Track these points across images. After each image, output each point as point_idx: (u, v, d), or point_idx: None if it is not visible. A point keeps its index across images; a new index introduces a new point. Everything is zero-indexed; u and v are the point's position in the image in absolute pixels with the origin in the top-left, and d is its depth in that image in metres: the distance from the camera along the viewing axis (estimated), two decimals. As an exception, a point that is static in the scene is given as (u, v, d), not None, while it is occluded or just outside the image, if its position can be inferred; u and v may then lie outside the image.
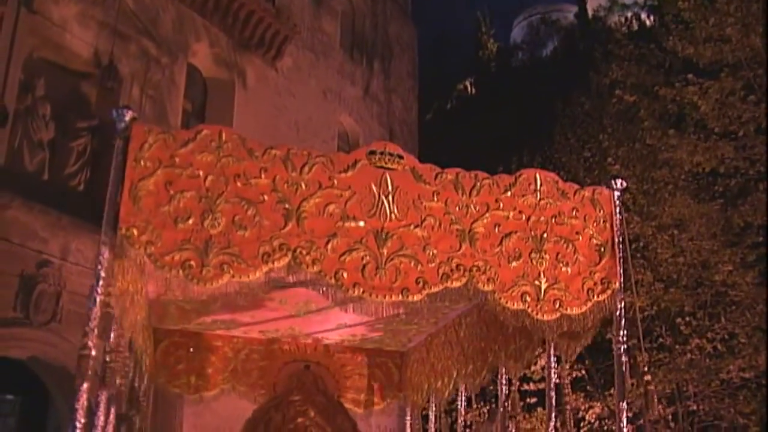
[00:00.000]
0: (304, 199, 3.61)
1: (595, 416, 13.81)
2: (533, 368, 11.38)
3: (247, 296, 4.71)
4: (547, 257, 3.83)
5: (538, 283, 3.78)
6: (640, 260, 11.96)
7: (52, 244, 10.14)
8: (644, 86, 13.51)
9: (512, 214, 3.86)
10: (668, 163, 12.41)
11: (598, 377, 13.99)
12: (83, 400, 3.29)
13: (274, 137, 12.83)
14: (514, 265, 3.78)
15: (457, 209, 3.79)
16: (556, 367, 4.75)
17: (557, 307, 3.78)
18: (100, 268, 3.41)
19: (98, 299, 3.39)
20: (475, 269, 3.70)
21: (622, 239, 4.00)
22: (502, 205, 3.85)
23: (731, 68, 11.69)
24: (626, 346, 3.90)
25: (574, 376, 13.58)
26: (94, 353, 3.35)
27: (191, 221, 3.47)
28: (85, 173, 10.92)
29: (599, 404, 13.74)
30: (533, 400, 12.74)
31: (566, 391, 12.21)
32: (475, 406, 6.11)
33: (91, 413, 3.42)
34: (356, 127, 17.17)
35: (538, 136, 19.04)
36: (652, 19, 30.04)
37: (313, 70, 15.99)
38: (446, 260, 3.69)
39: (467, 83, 42.20)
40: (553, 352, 4.66)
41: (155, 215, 3.44)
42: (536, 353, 4.88)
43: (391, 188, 3.73)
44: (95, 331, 3.35)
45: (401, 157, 3.81)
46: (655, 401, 3.95)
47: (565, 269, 3.85)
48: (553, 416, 4.72)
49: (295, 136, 14.64)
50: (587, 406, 13.83)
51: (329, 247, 3.57)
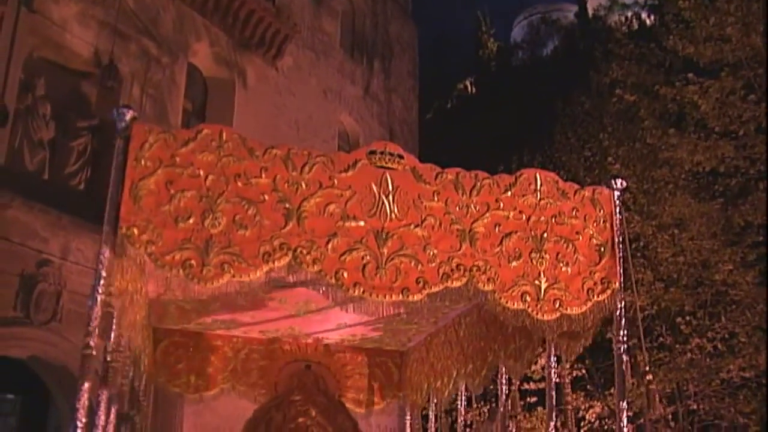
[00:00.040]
0: (304, 198, 3.61)
1: (595, 416, 13.81)
2: (533, 367, 11.35)
3: (247, 296, 4.73)
4: (547, 257, 3.83)
5: (538, 282, 3.78)
6: (640, 260, 11.95)
7: (52, 243, 10.14)
8: (644, 85, 13.50)
9: (512, 213, 3.86)
10: (668, 162, 12.40)
11: (598, 377, 13.98)
12: (84, 399, 3.29)
13: (274, 136, 12.83)
14: (514, 264, 3.78)
15: (457, 209, 3.79)
16: (556, 366, 4.75)
17: (557, 306, 3.79)
18: (101, 267, 3.41)
19: (99, 298, 3.39)
20: (475, 269, 3.71)
21: (622, 239, 4.00)
22: (502, 204, 3.85)
23: (731, 67, 11.68)
24: (626, 345, 3.90)
25: (574, 375, 13.59)
26: (95, 353, 3.35)
27: (192, 221, 3.47)
28: (85, 173, 10.92)
29: (599, 403, 13.73)
30: (533, 399, 12.75)
31: (566, 390, 12.24)
32: (475, 405, 6.10)
33: (91, 413, 3.42)
34: (356, 126, 17.17)
35: (538, 135, 19.05)
36: (652, 18, 30.04)
37: (313, 69, 15.99)
38: (446, 260, 3.69)
39: (467, 83, 42.21)
40: (553, 351, 4.66)
41: (156, 214, 3.44)
42: (536, 353, 4.88)
43: (391, 188, 3.73)
44: (96, 330, 3.36)
45: (401, 156, 3.81)
46: (656, 400, 3.95)
47: (565, 269, 3.85)
48: (553, 416, 4.73)
49: (295, 135, 14.64)
50: (587, 405, 13.83)
51: (330, 246, 3.57)
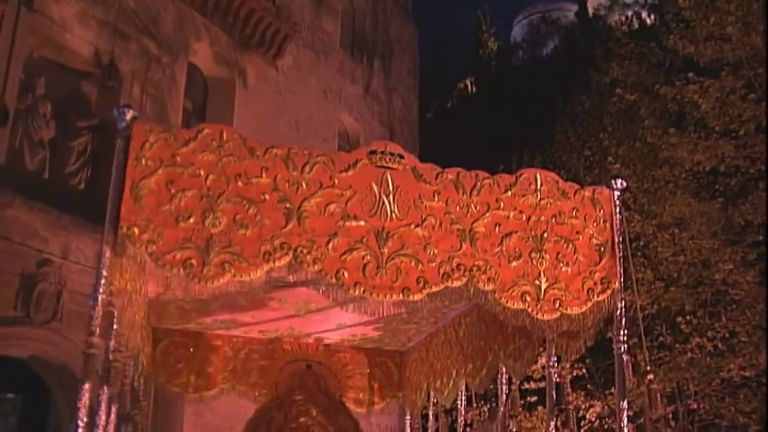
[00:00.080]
0: (305, 198, 3.61)
1: (595, 415, 13.81)
2: (533, 367, 11.36)
3: (247, 296, 4.73)
4: (547, 257, 3.84)
5: (538, 282, 3.79)
6: (640, 259, 11.94)
7: (52, 243, 10.13)
8: (645, 85, 13.50)
9: (513, 213, 3.87)
10: (669, 161, 12.40)
11: (598, 376, 13.98)
12: (85, 398, 3.29)
13: (274, 136, 12.84)
14: (514, 264, 3.79)
15: (457, 209, 3.79)
16: (556, 366, 4.76)
17: (557, 306, 3.79)
18: (102, 267, 3.41)
19: (100, 298, 3.39)
20: (475, 269, 3.71)
21: (622, 239, 4.00)
22: (502, 204, 3.86)
23: (732, 67, 11.68)
24: (627, 345, 3.91)
25: (574, 374, 13.59)
26: (97, 352, 3.35)
27: (192, 220, 3.47)
28: (85, 172, 10.92)
29: (600, 403, 13.73)
30: (534, 398, 12.75)
31: (567, 390, 12.23)
32: (475, 405, 6.10)
33: (91, 412, 3.42)
34: (356, 125, 17.17)
35: (538, 134, 19.08)
36: (652, 17, 30.10)
37: (313, 68, 15.99)
38: (447, 260, 3.69)
39: (468, 82, 42.27)
40: (553, 351, 4.66)
41: (156, 214, 3.44)
42: (537, 352, 4.88)
43: (391, 188, 3.74)
44: (98, 330, 3.36)
45: (402, 156, 3.81)
46: (658, 400, 3.96)
47: (565, 269, 3.85)
48: (553, 415, 4.73)
49: (295, 134, 14.64)
50: (588, 404, 13.82)
51: (330, 246, 3.57)
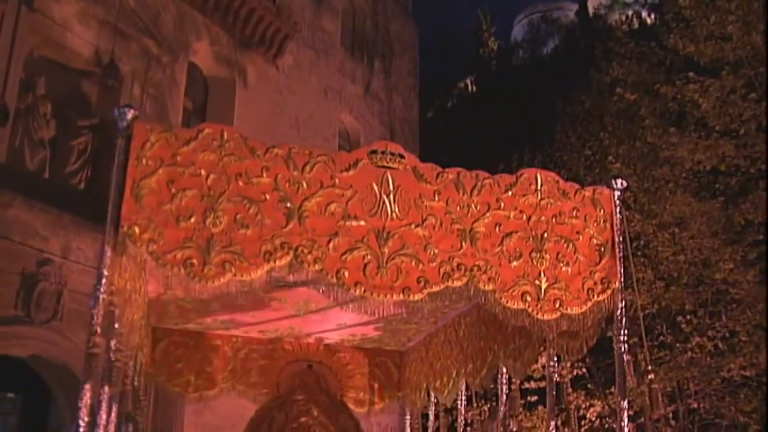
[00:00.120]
0: (305, 198, 3.61)
1: (595, 414, 13.82)
2: (534, 366, 11.36)
3: (247, 295, 4.72)
4: (547, 257, 3.83)
5: (538, 282, 3.78)
6: (640, 258, 11.95)
7: (52, 242, 10.14)
8: (645, 84, 13.50)
9: (513, 213, 3.86)
10: (669, 161, 12.40)
11: (598, 375, 13.98)
12: (87, 398, 3.28)
13: (274, 135, 12.85)
14: (514, 264, 3.78)
15: (458, 209, 3.79)
16: (556, 365, 4.76)
17: (557, 306, 3.79)
18: (103, 266, 3.41)
19: (101, 297, 3.39)
20: (475, 269, 3.71)
21: (622, 238, 4.00)
22: (503, 204, 3.86)
23: (732, 66, 11.68)
24: (627, 344, 3.91)
25: (575, 374, 13.59)
26: (99, 351, 3.35)
27: (193, 219, 3.47)
28: (85, 172, 10.93)
29: (600, 402, 13.74)
30: (534, 398, 12.75)
31: (568, 390, 12.23)
32: (475, 404, 6.10)
33: (92, 412, 3.42)
34: (357, 125, 17.18)
35: (538, 134, 19.09)
36: (652, 17, 30.12)
37: (313, 68, 16.00)
38: (447, 260, 3.69)
39: (468, 81, 42.28)
40: (553, 351, 4.66)
41: (157, 213, 3.44)
42: (537, 352, 4.88)
43: (392, 187, 3.73)
44: (99, 329, 3.36)
45: (402, 156, 3.81)
46: (659, 399, 3.96)
47: (565, 269, 3.85)
48: (554, 414, 4.73)
49: (295, 134, 14.65)
50: (588, 404, 13.83)
51: (331, 246, 3.57)
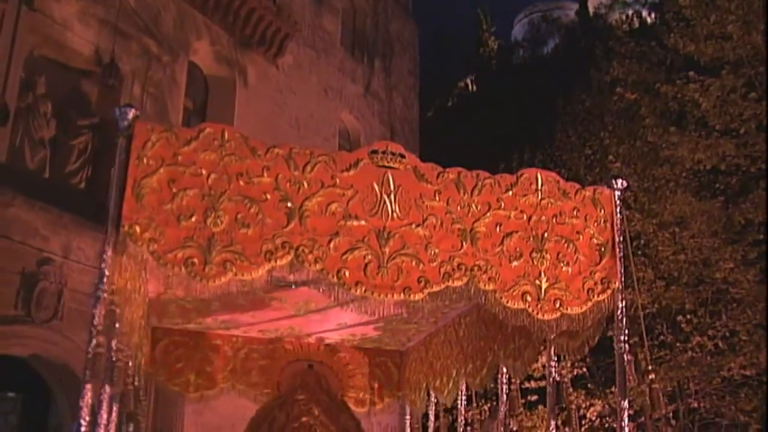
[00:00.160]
0: (306, 197, 3.62)
1: (596, 414, 13.82)
2: (534, 366, 11.36)
3: (248, 295, 4.73)
4: (547, 257, 3.84)
5: (538, 282, 3.79)
6: (641, 258, 11.94)
7: (53, 241, 10.14)
8: (645, 84, 13.49)
9: (513, 213, 3.87)
10: (669, 160, 12.40)
11: (599, 375, 13.98)
12: (88, 398, 3.29)
13: (275, 134, 12.85)
14: (515, 264, 3.79)
15: (458, 208, 3.79)
16: (556, 365, 4.76)
17: (558, 306, 3.79)
18: (104, 265, 3.42)
19: (103, 297, 3.39)
20: (476, 268, 3.71)
21: (622, 238, 4.00)
22: (503, 204, 3.86)
23: (732, 65, 11.68)
24: (627, 344, 3.91)
25: (575, 373, 13.58)
26: (102, 351, 3.36)
27: (194, 219, 3.47)
28: (86, 171, 10.92)
29: (600, 402, 13.74)
30: (534, 397, 12.75)
31: (568, 390, 12.22)
32: (475, 404, 6.10)
33: (92, 411, 3.43)
34: (357, 124, 17.17)
35: (539, 133, 19.08)
36: (653, 16, 30.12)
37: (314, 67, 15.99)
38: (448, 259, 3.70)
39: (468, 81, 42.26)
40: (553, 350, 4.66)
41: (158, 213, 3.45)
42: (537, 352, 4.88)
43: (393, 187, 3.74)
44: (99, 329, 3.36)
45: (403, 156, 3.81)
46: (660, 399, 3.96)
47: (565, 269, 3.85)
48: (554, 414, 4.73)
49: (295, 133, 14.65)
50: (588, 403, 13.83)
51: (331, 245, 3.58)
